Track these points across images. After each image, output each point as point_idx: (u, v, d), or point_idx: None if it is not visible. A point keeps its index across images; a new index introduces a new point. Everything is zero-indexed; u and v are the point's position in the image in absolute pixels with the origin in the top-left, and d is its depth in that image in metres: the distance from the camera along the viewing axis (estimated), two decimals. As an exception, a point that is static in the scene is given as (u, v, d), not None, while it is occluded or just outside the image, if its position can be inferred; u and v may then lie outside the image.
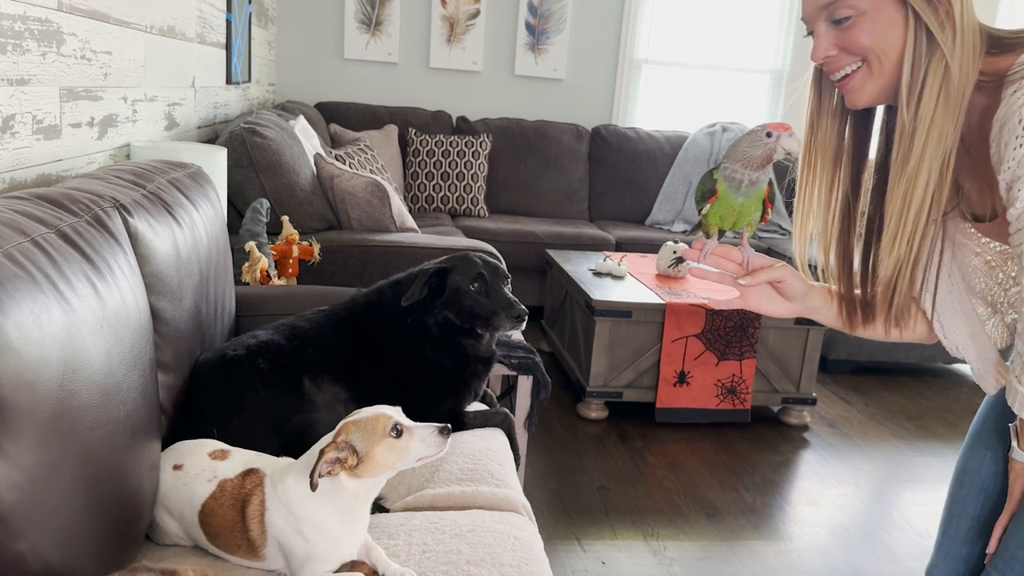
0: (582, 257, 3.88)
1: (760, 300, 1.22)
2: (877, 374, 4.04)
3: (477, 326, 1.77)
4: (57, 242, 1.09)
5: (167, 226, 1.50)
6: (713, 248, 1.18)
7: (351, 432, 1.19)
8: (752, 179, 1.12)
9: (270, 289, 2.17)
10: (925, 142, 1.02)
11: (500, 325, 1.76)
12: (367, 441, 1.18)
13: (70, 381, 0.98)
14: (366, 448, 1.18)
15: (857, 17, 1.01)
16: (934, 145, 1.02)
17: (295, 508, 1.21)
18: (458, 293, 1.76)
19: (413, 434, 1.21)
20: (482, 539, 1.36)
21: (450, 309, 1.76)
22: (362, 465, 1.18)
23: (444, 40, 4.93)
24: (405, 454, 1.20)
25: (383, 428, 1.19)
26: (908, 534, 2.58)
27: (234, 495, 1.25)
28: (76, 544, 0.99)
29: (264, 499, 1.23)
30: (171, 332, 1.43)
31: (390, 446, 1.19)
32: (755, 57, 5.26)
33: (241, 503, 1.24)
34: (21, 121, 1.58)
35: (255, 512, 1.23)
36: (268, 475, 1.26)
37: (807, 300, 1.22)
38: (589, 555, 2.30)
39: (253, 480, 1.26)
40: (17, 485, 0.88)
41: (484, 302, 1.75)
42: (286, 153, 2.80)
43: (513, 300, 1.77)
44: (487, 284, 1.77)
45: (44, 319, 0.96)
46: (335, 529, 1.21)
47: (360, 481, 1.20)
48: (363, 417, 1.21)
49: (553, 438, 3.04)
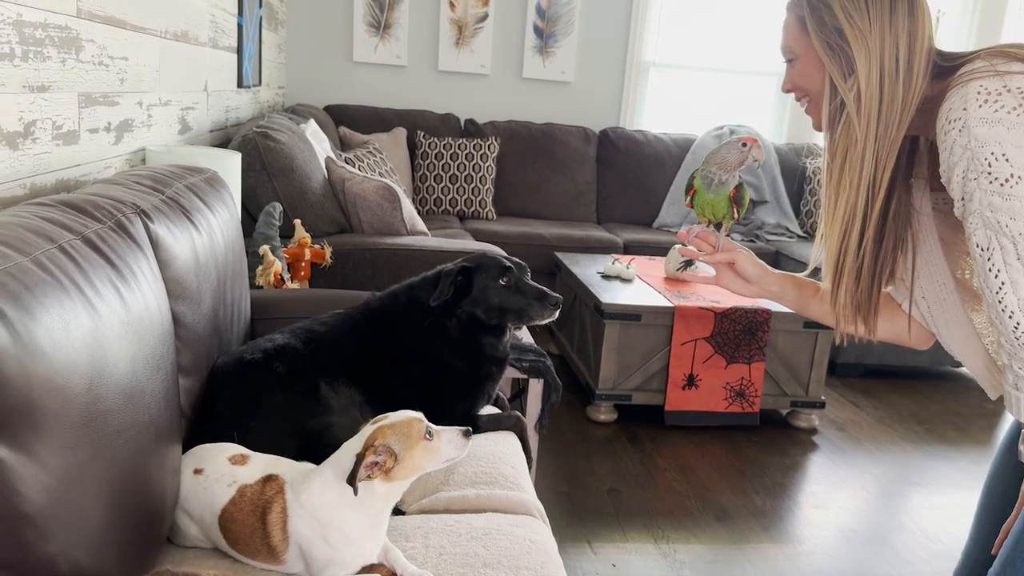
0: (590, 260, 3.89)
1: (726, 280, 1.41)
2: (886, 378, 4.04)
3: (509, 320, 1.78)
4: (83, 248, 1.11)
5: (186, 231, 1.52)
6: (698, 232, 1.41)
7: (387, 435, 1.21)
8: (722, 180, 1.38)
9: (284, 292, 2.18)
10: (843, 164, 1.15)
11: (536, 315, 1.78)
12: (404, 443, 1.21)
13: (97, 385, 1.00)
14: (404, 450, 1.21)
15: (795, 60, 1.18)
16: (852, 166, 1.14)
17: (320, 515, 1.21)
18: (487, 290, 1.77)
19: (442, 436, 1.25)
20: (498, 542, 1.37)
21: (478, 307, 1.77)
22: (398, 467, 1.21)
23: (452, 43, 4.95)
24: (436, 456, 1.24)
25: (418, 431, 1.22)
26: (918, 538, 2.58)
27: (254, 501, 1.25)
28: (102, 546, 1.01)
29: (286, 506, 1.24)
30: (190, 336, 1.45)
31: (425, 448, 1.22)
32: (763, 60, 5.26)
33: (261, 510, 1.24)
34: (42, 127, 1.59)
35: (277, 519, 1.23)
36: (288, 482, 1.27)
37: (763, 284, 1.39)
38: (600, 558, 2.31)
39: (273, 487, 1.27)
40: (47, 488, 0.89)
41: (515, 296, 1.77)
42: (298, 157, 2.82)
43: (545, 289, 1.80)
44: (515, 277, 1.79)
45: (72, 324, 0.97)
46: (360, 534, 1.22)
47: (390, 485, 1.22)
48: (397, 421, 1.23)
49: (562, 441, 3.05)
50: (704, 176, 1.39)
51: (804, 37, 1.15)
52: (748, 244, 4.58)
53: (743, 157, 1.36)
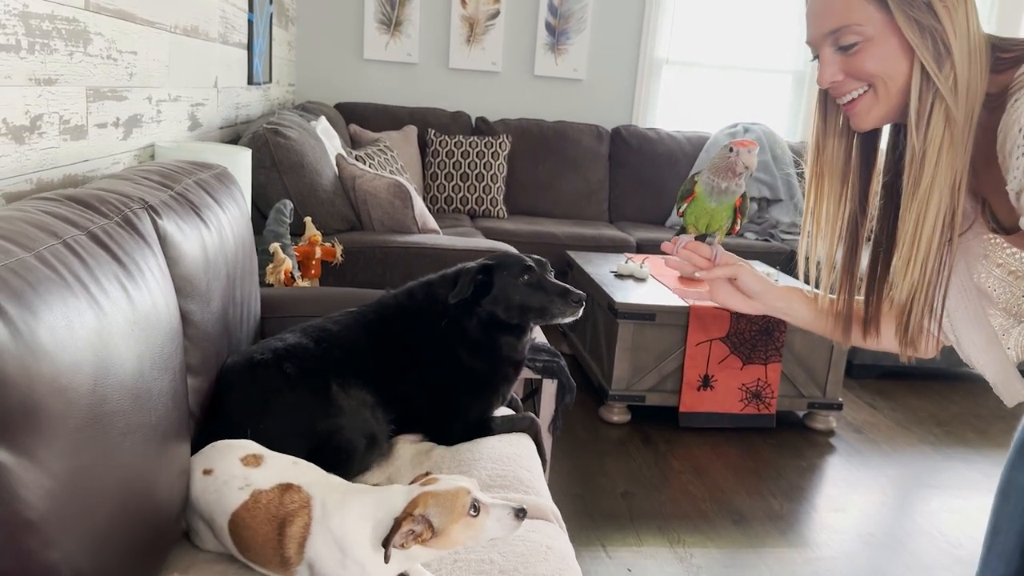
0: (603, 259, 3.85)
1: (723, 295, 1.29)
2: (904, 379, 3.98)
3: (531, 319, 1.75)
4: (88, 244, 1.07)
5: (195, 227, 1.48)
6: (686, 243, 1.27)
7: (429, 506, 1.11)
8: (723, 188, 1.24)
9: (294, 291, 2.15)
10: (936, 165, 1.02)
11: (559, 313, 1.74)
12: (445, 518, 1.10)
13: (102, 386, 0.96)
14: (443, 525, 1.10)
15: (864, 43, 1.02)
16: (945, 168, 1.02)
17: (347, 546, 1.15)
18: (508, 288, 1.73)
19: (490, 513, 1.13)
20: (514, 548, 1.33)
21: (498, 305, 1.73)
22: (435, 539, 1.11)
23: (464, 40, 4.91)
24: (480, 533, 1.13)
25: (463, 505, 1.11)
26: (937, 542, 2.53)
27: (271, 511, 1.19)
28: (107, 551, 0.97)
29: (310, 523, 1.17)
30: (199, 335, 1.42)
31: (467, 524, 1.11)
32: (777, 57, 5.21)
33: (280, 521, 1.18)
34: (48, 121, 1.56)
35: (297, 533, 1.17)
36: (316, 498, 1.20)
37: (768, 299, 1.28)
38: (615, 562, 2.27)
39: (295, 499, 1.20)
40: (50, 493, 0.86)
41: (537, 293, 1.73)
42: (308, 154, 2.79)
43: (567, 287, 1.76)
44: (537, 275, 1.76)
45: (76, 323, 0.94)
46: (375, 568, 1.17)
47: (427, 550, 1.14)
48: (443, 490, 1.13)
49: (575, 442, 3.01)
50: (706, 182, 1.26)
51: (881, 15, 1.00)
52: (762, 244, 4.52)
53: (732, 163, 1.22)
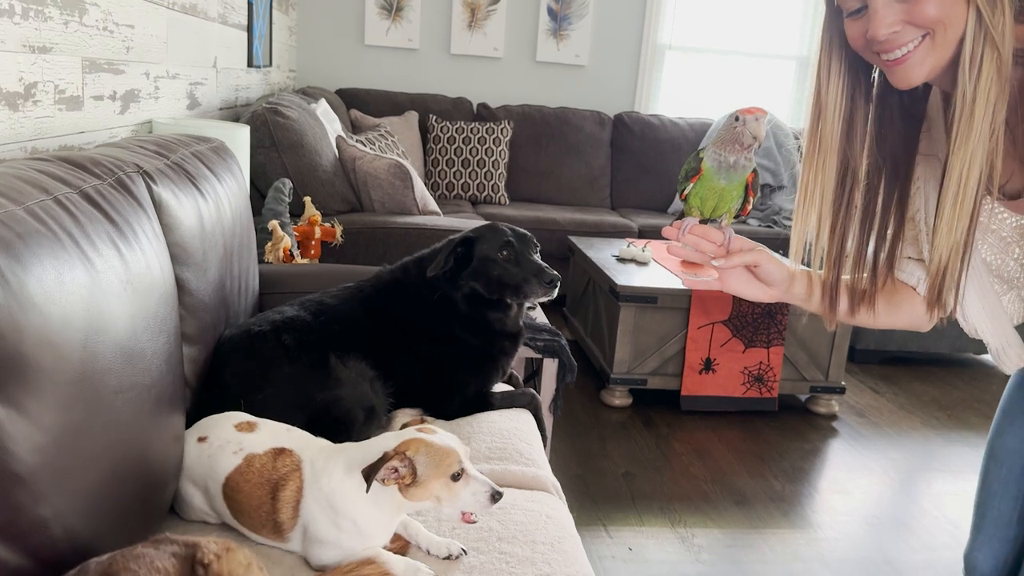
0: (605, 243, 3.83)
1: (738, 283, 1.18)
2: (907, 364, 3.96)
3: (507, 295, 1.73)
4: (80, 202, 1.06)
5: (191, 196, 1.47)
6: (692, 226, 1.13)
7: (419, 452, 1.13)
8: (731, 162, 1.09)
9: (293, 267, 2.13)
10: (984, 115, 0.99)
11: (531, 292, 1.72)
12: (430, 470, 1.12)
13: (93, 343, 0.95)
14: (426, 476, 1.12)
15: None
16: (989, 120, 0.99)
17: (337, 503, 1.15)
18: (486, 262, 1.72)
19: (468, 485, 1.14)
20: (513, 517, 1.32)
21: (478, 280, 1.72)
22: (413, 488, 1.13)
23: (465, 26, 4.89)
24: (453, 500, 1.14)
25: (448, 466, 1.13)
26: (942, 524, 2.51)
27: (264, 474, 1.19)
28: (100, 512, 0.96)
29: (302, 486, 1.18)
30: (195, 304, 1.40)
31: (446, 485, 1.13)
32: (780, 43, 5.18)
33: (274, 485, 1.18)
34: (43, 90, 1.55)
35: (290, 497, 1.17)
36: (306, 460, 1.20)
37: (790, 287, 1.18)
38: (616, 541, 2.25)
39: (287, 463, 1.20)
40: (40, 447, 0.84)
41: (513, 270, 1.72)
42: (308, 134, 2.77)
43: (543, 266, 1.73)
44: (516, 252, 1.73)
45: (67, 277, 0.92)
46: (371, 528, 1.16)
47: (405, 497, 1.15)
48: (436, 444, 1.14)
49: (576, 425, 3.00)
50: (712, 157, 1.11)
51: None
52: (766, 230, 4.50)
53: (738, 134, 1.07)
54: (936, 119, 1.16)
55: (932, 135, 1.16)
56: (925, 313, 1.18)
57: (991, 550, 1.34)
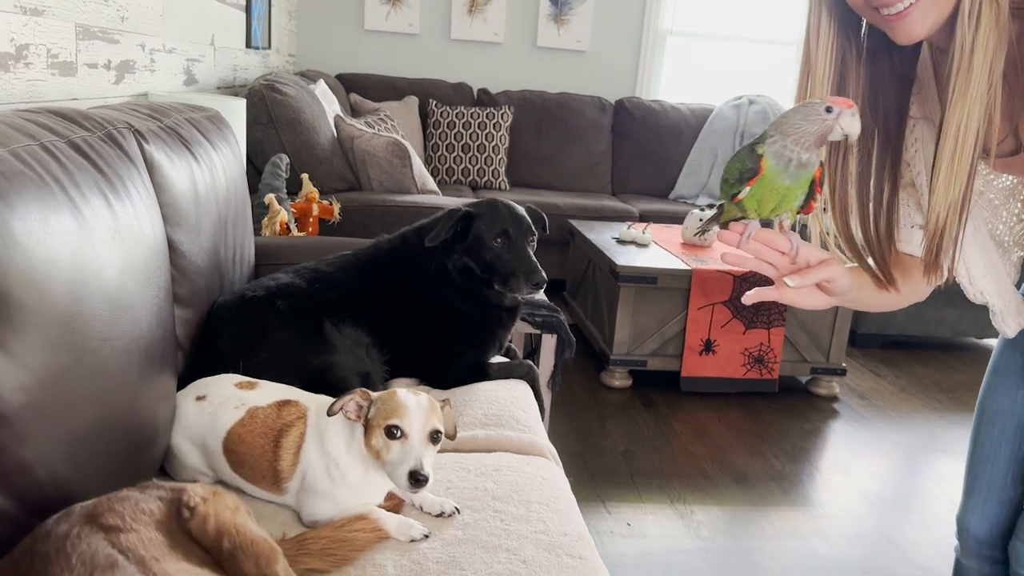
0: (605, 227, 3.81)
1: (799, 295, 1.05)
2: (908, 348, 3.94)
3: (495, 281, 1.71)
4: (67, 151, 1.04)
5: (184, 159, 1.45)
6: (755, 232, 1.00)
7: (379, 399, 1.15)
8: (802, 160, 0.95)
9: (290, 239, 2.12)
10: (982, 68, 0.96)
11: (517, 288, 1.70)
12: (378, 417, 1.13)
13: (79, 287, 0.94)
14: (373, 421, 1.14)
15: None
16: (987, 74, 0.96)
17: (328, 445, 1.17)
18: (480, 244, 1.70)
19: (400, 449, 1.11)
20: (508, 478, 1.30)
21: (471, 256, 1.70)
22: (367, 433, 1.14)
23: (465, 11, 4.86)
24: (383, 453, 1.12)
25: (387, 416, 1.12)
26: (943, 503, 2.50)
27: (268, 424, 1.21)
28: (86, 459, 0.95)
29: (305, 431, 1.20)
30: (188, 266, 1.39)
31: (379, 437, 1.12)
32: (783, 28, 5.15)
33: (277, 433, 1.20)
34: (35, 52, 1.53)
35: (292, 443, 1.19)
36: (312, 409, 1.23)
37: (859, 294, 1.10)
38: (614, 516, 2.24)
39: (293, 412, 1.22)
40: (23, 387, 0.83)
41: (505, 259, 1.69)
42: (306, 111, 2.76)
43: (534, 265, 1.70)
44: (511, 241, 1.71)
45: (52, 220, 0.91)
46: (360, 482, 1.16)
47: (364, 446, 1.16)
48: (397, 398, 1.14)
49: (576, 405, 2.98)
50: (776, 154, 0.95)
51: None
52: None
53: (827, 128, 0.92)
54: (927, 80, 1.14)
55: (925, 96, 1.14)
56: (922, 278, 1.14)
57: (984, 513, 1.33)
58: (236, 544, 0.81)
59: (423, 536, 1.12)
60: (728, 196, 1.00)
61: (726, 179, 1.01)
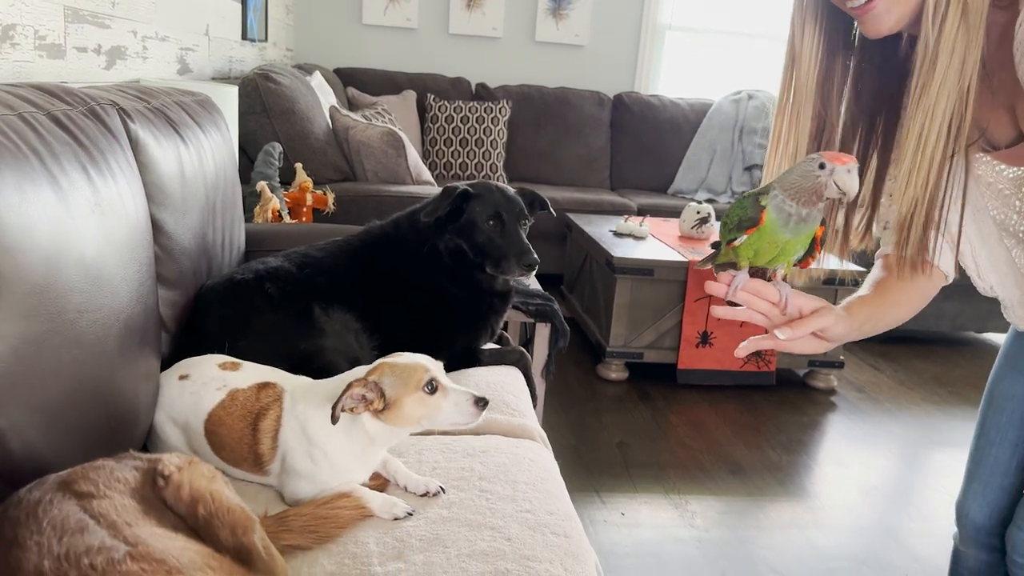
0: (603, 220, 3.79)
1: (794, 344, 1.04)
2: (907, 343, 3.92)
3: (487, 265, 1.70)
4: (47, 123, 1.03)
5: (172, 141, 1.44)
6: (744, 283, 1.00)
7: (384, 374, 1.11)
8: (802, 215, 0.93)
9: (281, 226, 2.11)
10: (948, 65, 0.94)
11: (509, 270, 1.68)
12: (398, 388, 1.10)
13: (56, 258, 0.92)
14: (395, 395, 1.10)
15: None
16: (955, 71, 0.95)
17: (310, 431, 1.14)
18: (473, 225, 1.69)
19: (448, 395, 1.12)
20: (495, 459, 1.29)
21: (463, 237, 1.69)
22: (388, 411, 1.11)
23: (464, 5, 4.85)
24: (435, 413, 1.11)
25: (417, 380, 1.10)
26: (941, 495, 2.48)
27: (247, 407, 1.19)
28: (61, 432, 0.93)
29: (281, 415, 1.17)
30: (173, 247, 1.38)
31: (420, 400, 1.10)
32: (782, 23, 5.12)
33: (255, 416, 1.18)
34: (22, 33, 1.52)
35: (269, 427, 1.17)
36: (287, 391, 1.20)
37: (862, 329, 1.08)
38: (609, 507, 2.23)
39: (270, 394, 1.20)
40: (-5, 355, 0.82)
41: (498, 242, 1.68)
42: (300, 101, 2.75)
43: (526, 247, 1.68)
44: (503, 224, 1.69)
45: (28, 189, 0.90)
46: (344, 462, 1.15)
47: (383, 427, 1.13)
48: (400, 363, 1.13)
49: (572, 397, 2.97)
50: (777, 207, 0.94)
51: None
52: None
53: (820, 185, 0.90)
54: None
55: None
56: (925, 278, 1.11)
57: (985, 499, 1.32)
58: (211, 511, 0.79)
59: (407, 514, 1.11)
60: (726, 240, 0.99)
61: (726, 223, 1.00)
